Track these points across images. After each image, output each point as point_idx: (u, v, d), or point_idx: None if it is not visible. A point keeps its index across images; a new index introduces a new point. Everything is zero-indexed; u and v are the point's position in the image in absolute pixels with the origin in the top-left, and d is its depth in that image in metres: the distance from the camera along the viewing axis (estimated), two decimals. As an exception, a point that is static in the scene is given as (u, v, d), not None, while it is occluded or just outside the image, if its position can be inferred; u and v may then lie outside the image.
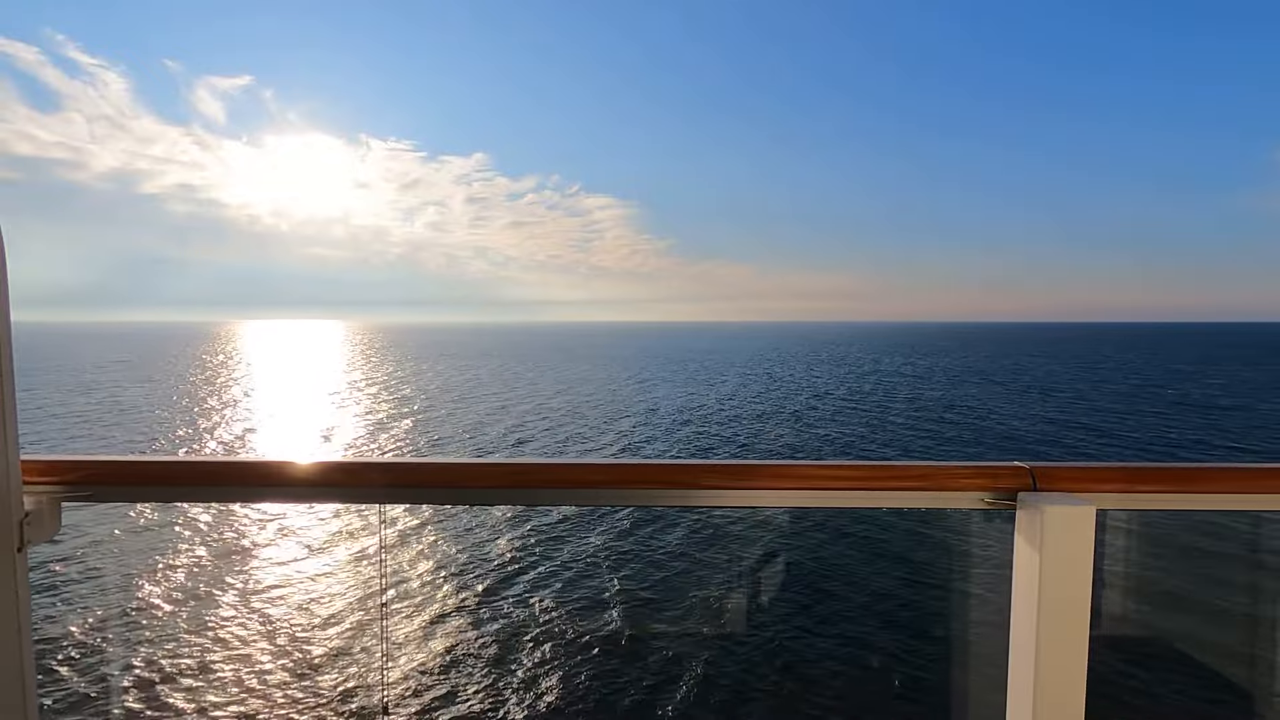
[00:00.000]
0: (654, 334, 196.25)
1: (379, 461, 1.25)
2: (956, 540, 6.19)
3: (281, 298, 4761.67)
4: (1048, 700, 1.05)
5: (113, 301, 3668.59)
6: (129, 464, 1.19)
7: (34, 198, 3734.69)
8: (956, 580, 7.93)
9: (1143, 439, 25.02)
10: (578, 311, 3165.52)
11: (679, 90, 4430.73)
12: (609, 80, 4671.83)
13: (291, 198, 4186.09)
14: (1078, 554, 1.03)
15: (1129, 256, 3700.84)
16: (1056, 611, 1.03)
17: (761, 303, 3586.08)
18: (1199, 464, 1.20)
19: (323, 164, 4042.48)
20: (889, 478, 1.18)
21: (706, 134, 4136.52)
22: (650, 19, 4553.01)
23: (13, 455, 1.00)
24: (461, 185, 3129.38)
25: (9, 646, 1.01)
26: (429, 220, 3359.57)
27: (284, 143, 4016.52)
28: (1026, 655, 1.06)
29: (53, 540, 1.16)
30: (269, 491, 1.21)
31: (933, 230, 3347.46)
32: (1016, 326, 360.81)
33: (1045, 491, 1.12)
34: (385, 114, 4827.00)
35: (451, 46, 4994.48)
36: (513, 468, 1.24)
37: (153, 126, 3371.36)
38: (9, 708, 1.02)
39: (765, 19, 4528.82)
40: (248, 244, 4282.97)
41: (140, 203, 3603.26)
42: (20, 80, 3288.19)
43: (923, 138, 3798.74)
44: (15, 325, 0.99)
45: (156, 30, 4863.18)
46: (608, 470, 1.22)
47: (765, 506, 1.21)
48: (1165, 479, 1.18)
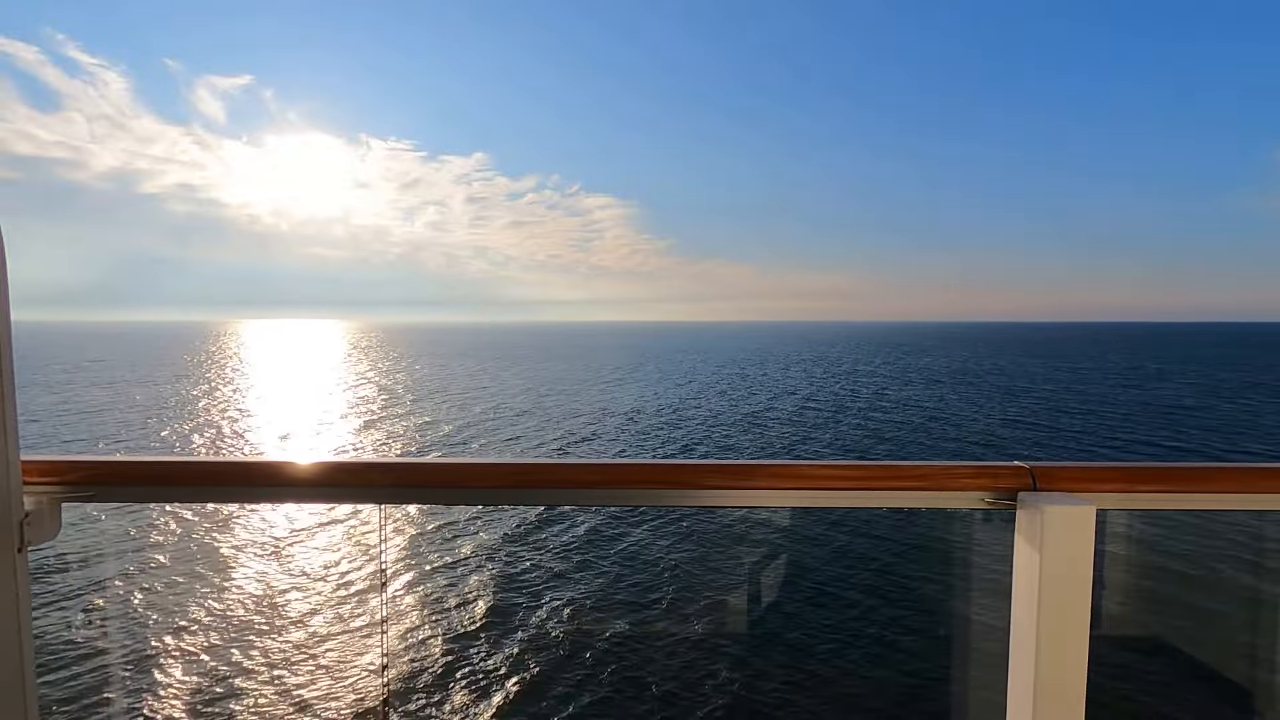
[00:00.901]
0: (652, 334, 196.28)
1: (380, 461, 1.25)
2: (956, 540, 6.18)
3: (281, 297, 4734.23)
4: (1048, 700, 1.04)
5: (113, 301, 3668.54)
6: (129, 464, 1.19)
7: (34, 197, 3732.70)
8: (956, 580, 7.94)
9: (1098, 439, 25.19)
10: (578, 311, 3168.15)
11: (679, 90, 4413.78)
12: (609, 80, 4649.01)
13: (291, 197, 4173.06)
14: (1078, 554, 1.03)
15: (1128, 257, 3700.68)
16: (1056, 611, 1.03)
17: (761, 302, 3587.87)
18: (1199, 464, 1.20)
19: (323, 164, 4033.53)
20: (889, 478, 1.18)
21: (706, 134, 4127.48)
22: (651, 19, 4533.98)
23: (13, 455, 1.00)
24: (461, 185, 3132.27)
25: (9, 646, 1.01)
26: (429, 220, 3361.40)
27: (284, 142, 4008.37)
28: (1026, 655, 1.06)
29: (53, 540, 1.16)
30: (269, 491, 1.21)
31: (932, 231, 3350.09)
32: (1016, 327, 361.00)
33: (1045, 491, 1.12)
34: (385, 114, 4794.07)
35: (451, 46, 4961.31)
36: (514, 468, 1.24)
37: (153, 126, 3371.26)
38: (9, 708, 1.02)
39: (765, 20, 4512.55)
40: (248, 244, 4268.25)
41: (140, 202, 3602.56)
42: (20, 80, 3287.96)
43: (922, 139, 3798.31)
44: (15, 325, 0.98)
45: (157, 30, 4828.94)
46: (608, 470, 1.22)
47: (765, 506, 1.21)
48: (1165, 479, 1.18)
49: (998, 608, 1.17)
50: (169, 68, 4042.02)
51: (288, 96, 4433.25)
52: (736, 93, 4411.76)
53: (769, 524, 11.22)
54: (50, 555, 9.65)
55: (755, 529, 11.29)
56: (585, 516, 12.48)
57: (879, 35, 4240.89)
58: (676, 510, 12.75)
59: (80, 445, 23.20)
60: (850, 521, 11.27)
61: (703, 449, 23.39)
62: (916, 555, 10.45)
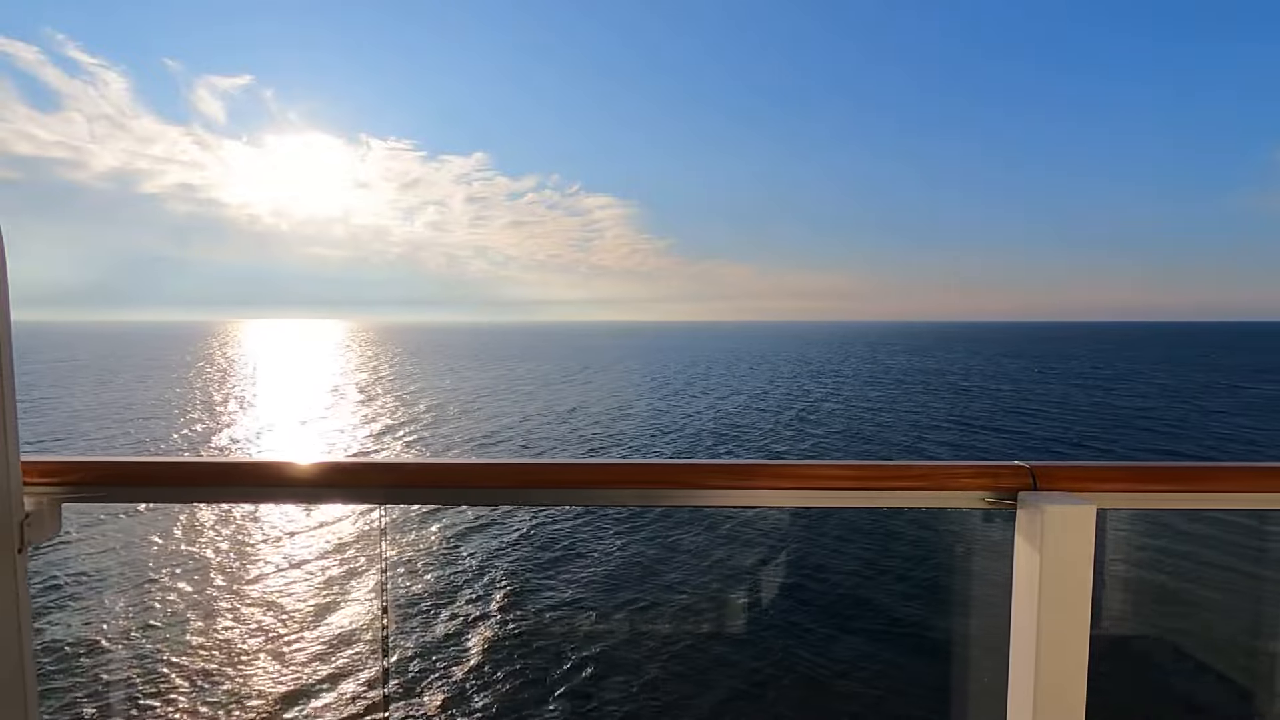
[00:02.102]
0: (652, 333, 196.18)
1: (380, 462, 1.25)
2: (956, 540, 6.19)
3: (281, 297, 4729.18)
4: (1048, 700, 1.04)
5: (113, 301, 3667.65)
6: (130, 464, 1.19)
7: (34, 197, 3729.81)
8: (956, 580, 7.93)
9: (1045, 438, 25.52)
10: (578, 311, 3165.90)
11: (679, 91, 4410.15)
12: (609, 80, 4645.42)
13: (291, 197, 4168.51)
14: (1078, 554, 1.03)
15: (1128, 256, 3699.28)
16: (1056, 611, 1.03)
17: (760, 302, 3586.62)
18: (1200, 463, 1.20)
19: (323, 163, 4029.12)
20: (889, 477, 1.18)
21: (706, 134, 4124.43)
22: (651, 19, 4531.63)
23: (13, 456, 1.00)
24: (461, 185, 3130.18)
25: (9, 647, 1.01)
26: (429, 220, 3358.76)
27: (284, 142, 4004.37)
28: (1026, 655, 1.06)
29: (53, 540, 1.16)
30: (270, 492, 1.21)
31: (932, 231, 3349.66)
32: (1015, 327, 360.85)
33: (1046, 491, 1.12)
34: (385, 114, 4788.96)
35: (451, 46, 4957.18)
36: (514, 468, 1.24)
37: (153, 126, 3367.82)
38: (9, 708, 1.02)
39: (766, 20, 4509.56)
40: (248, 243, 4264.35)
41: (140, 202, 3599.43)
42: (20, 80, 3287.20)
43: (921, 139, 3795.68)
44: (16, 324, 0.98)
45: (157, 30, 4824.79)
46: (608, 470, 1.22)
47: (765, 506, 1.21)
48: (1166, 478, 1.18)
49: (998, 607, 1.17)
50: (169, 68, 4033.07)
51: (288, 96, 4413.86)
52: (736, 93, 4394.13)
53: (769, 524, 11.22)
54: (50, 555, 9.65)
55: (755, 529, 11.29)
56: (585, 517, 12.48)
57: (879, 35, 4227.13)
58: (676, 510, 12.74)
59: (80, 445, 23.20)
60: (850, 521, 11.27)
61: (620, 450, 23.66)
62: (917, 555, 10.45)
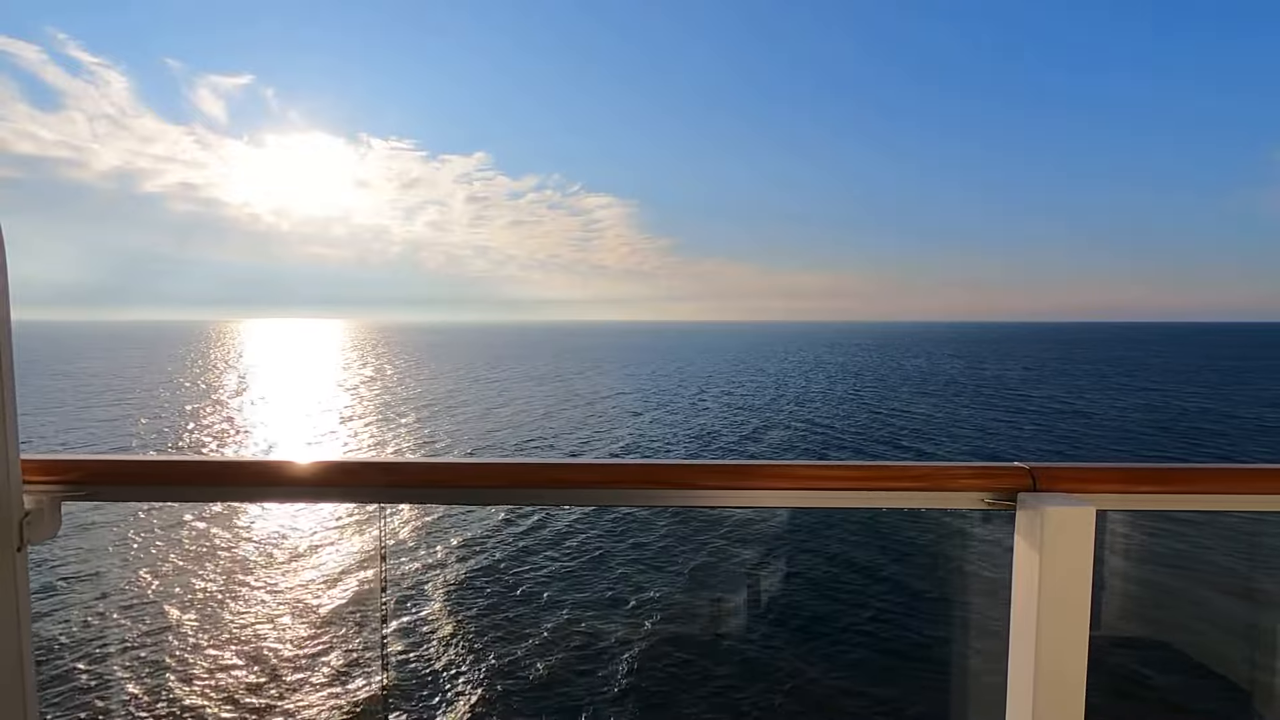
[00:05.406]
0: (652, 333, 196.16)
1: (379, 461, 1.25)
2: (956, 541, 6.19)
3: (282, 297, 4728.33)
4: (1048, 700, 1.04)
5: (114, 300, 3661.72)
6: (129, 464, 1.19)
7: (35, 197, 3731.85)
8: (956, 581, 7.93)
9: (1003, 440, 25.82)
10: (578, 310, 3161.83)
11: (680, 90, 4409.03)
12: (610, 80, 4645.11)
13: (292, 197, 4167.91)
14: (1078, 554, 1.03)
15: (1128, 256, 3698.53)
16: (1056, 612, 1.03)
17: (761, 302, 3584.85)
18: (1199, 465, 1.20)
19: (323, 163, 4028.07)
20: (889, 478, 1.18)
21: (707, 134, 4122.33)
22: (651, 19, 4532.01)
23: (13, 455, 1.00)
24: (462, 184, 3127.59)
25: (9, 646, 1.01)
26: (429, 219, 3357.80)
27: (285, 142, 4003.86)
28: (1026, 656, 1.06)
29: (52, 540, 1.16)
30: (269, 491, 1.21)
31: (932, 231, 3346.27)
32: (1016, 327, 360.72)
33: (1045, 492, 1.12)
34: (385, 113, 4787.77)
35: (451, 46, 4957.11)
36: (513, 468, 1.24)
37: (154, 125, 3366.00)
38: (9, 708, 1.02)
39: (766, 20, 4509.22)
40: (248, 243, 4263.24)
41: (141, 201, 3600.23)
42: (22, 79, 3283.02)
43: (923, 139, 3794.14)
44: (16, 324, 0.99)
45: (158, 29, 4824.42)
46: (608, 470, 1.22)
47: (765, 506, 1.21)
48: (1166, 479, 1.18)
49: (997, 608, 1.17)
50: (170, 67, 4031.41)
51: (288, 96, 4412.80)
52: (737, 92, 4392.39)
53: (769, 524, 11.22)
54: (51, 555, 9.66)
55: (755, 529, 11.28)
56: (585, 517, 12.48)
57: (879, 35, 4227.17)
58: (676, 510, 12.74)
59: (80, 445, 23.21)
60: (850, 521, 11.26)
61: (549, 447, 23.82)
62: (916, 555, 10.44)
